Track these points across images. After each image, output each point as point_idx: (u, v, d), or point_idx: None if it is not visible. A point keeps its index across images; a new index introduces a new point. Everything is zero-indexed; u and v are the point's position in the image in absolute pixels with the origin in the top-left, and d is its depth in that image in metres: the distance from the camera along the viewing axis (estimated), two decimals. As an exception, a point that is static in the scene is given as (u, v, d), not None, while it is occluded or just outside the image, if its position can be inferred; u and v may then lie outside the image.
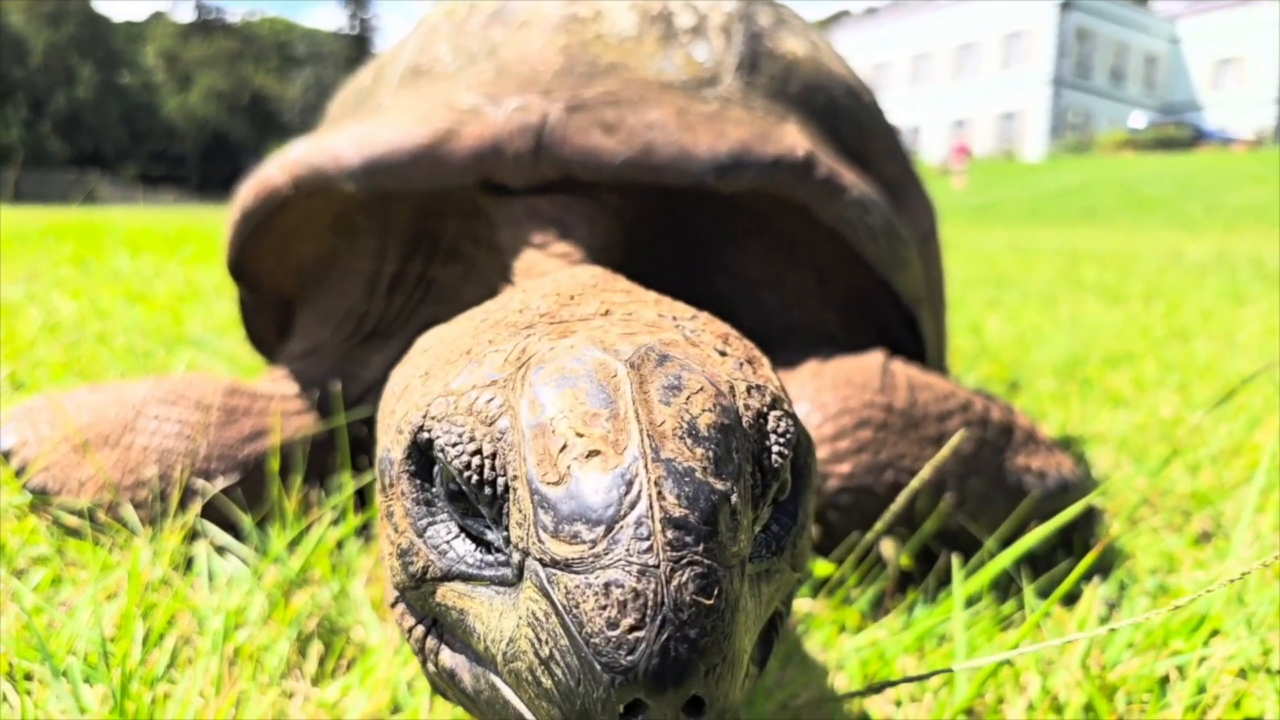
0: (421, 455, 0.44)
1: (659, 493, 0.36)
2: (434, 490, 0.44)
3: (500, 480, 0.40)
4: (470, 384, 0.43)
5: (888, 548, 0.95)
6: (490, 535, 0.41)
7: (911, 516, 0.92)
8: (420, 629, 0.46)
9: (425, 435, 0.44)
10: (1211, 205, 15.08)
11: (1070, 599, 0.95)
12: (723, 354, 0.47)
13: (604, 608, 0.35)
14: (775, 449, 0.43)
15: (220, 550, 0.97)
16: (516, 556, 0.39)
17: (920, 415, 0.96)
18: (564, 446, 0.38)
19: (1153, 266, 6.06)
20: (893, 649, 0.82)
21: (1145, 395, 1.99)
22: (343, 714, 0.73)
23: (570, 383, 0.40)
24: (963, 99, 38.91)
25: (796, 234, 1.14)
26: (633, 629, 0.35)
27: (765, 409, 0.44)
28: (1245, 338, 2.84)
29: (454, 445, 0.41)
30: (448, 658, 0.45)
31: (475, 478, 0.41)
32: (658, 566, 0.35)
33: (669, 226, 1.13)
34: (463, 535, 0.43)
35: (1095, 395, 2.00)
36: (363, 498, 1.10)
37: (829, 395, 0.94)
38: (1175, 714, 0.72)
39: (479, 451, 0.41)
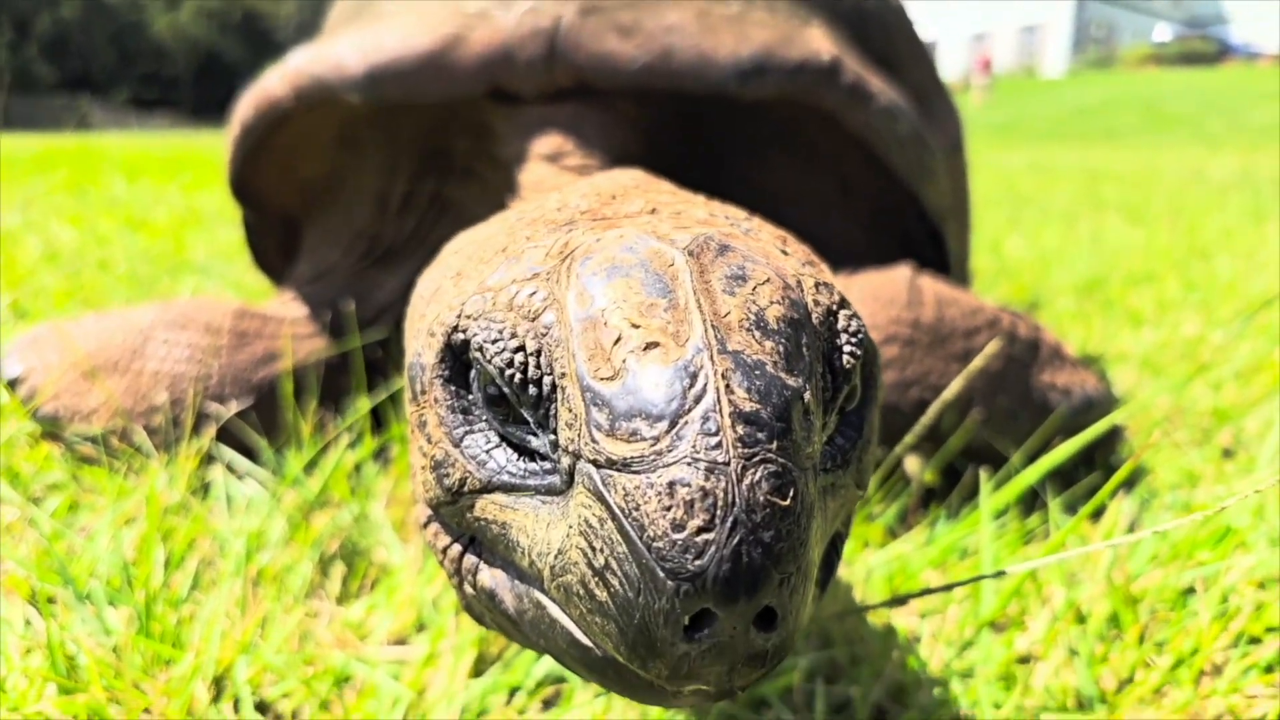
0: (456, 358, 0.41)
1: (727, 385, 0.33)
2: (471, 396, 0.41)
3: (546, 379, 0.37)
4: (509, 279, 0.40)
5: (912, 464, 0.94)
6: (534, 442, 0.38)
7: (936, 432, 0.91)
8: (456, 547, 0.43)
9: (460, 336, 0.40)
10: (1235, 123, 14.63)
11: (1094, 515, 0.94)
12: (784, 252, 0.43)
13: (668, 509, 0.31)
14: (847, 350, 0.40)
15: (238, 475, 0.96)
16: (566, 461, 0.36)
17: (947, 331, 0.93)
18: (618, 339, 0.35)
19: (1175, 185, 5.91)
20: (917, 563, 0.82)
21: (1167, 314, 1.95)
22: (369, 632, 0.74)
23: (622, 272, 0.37)
24: (982, 12, 37.38)
25: (819, 143, 1.09)
26: (700, 531, 0.31)
27: (835, 306, 0.40)
28: (1267, 256, 2.78)
29: (493, 343, 0.38)
30: (487, 577, 0.42)
31: (518, 377, 0.37)
32: (728, 464, 0.32)
33: (686, 136, 1.08)
34: (503, 444, 0.40)
35: (1117, 314, 1.96)
36: (378, 420, 1.09)
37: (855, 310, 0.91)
38: (1201, 623, 0.72)
39: (521, 349, 0.37)
